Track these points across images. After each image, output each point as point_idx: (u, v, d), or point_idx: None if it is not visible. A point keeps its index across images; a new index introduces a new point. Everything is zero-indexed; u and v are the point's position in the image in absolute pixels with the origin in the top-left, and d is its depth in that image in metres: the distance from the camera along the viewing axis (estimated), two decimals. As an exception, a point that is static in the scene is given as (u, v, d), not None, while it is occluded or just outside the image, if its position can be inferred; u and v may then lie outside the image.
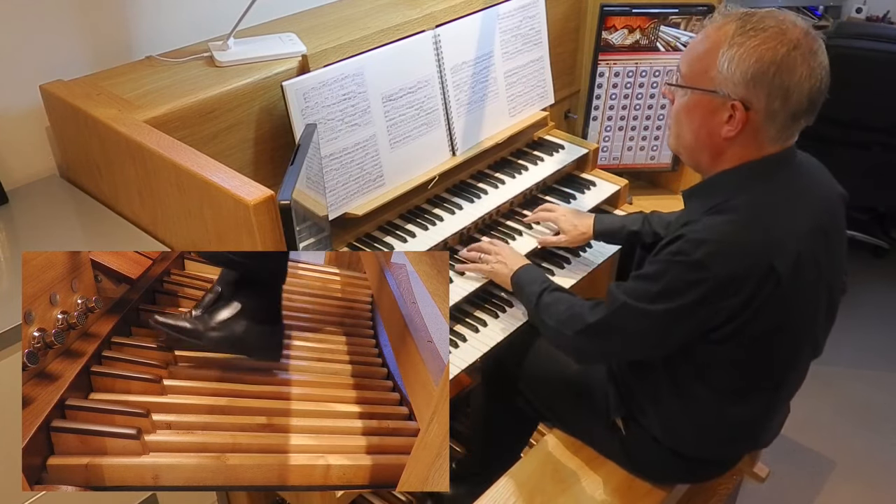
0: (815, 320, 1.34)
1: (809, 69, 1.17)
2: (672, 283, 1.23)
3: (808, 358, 1.41)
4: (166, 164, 1.29)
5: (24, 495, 1.25)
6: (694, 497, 1.68)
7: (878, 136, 2.55)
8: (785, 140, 1.25)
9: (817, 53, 1.18)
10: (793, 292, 1.23)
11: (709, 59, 1.21)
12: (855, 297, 2.93)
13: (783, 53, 1.16)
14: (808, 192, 1.29)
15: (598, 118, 2.26)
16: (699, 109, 1.25)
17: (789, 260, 1.21)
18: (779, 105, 1.18)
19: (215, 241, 1.31)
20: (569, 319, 1.40)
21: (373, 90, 1.67)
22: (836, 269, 1.34)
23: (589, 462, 1.56)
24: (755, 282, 1.20)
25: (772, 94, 1.17)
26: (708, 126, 1.25)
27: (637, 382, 1.46)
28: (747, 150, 1.25)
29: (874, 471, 2.28)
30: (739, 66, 1.18)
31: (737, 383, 1.34)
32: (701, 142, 1.28)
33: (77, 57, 1.60)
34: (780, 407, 1.47)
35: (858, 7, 3.14)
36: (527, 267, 1.62)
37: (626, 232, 1.72)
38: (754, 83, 1.17)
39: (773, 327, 1.26)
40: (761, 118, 1.20)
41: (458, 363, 1.55)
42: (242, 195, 1.18)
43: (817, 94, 1.20)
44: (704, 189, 1.31)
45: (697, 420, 1.39)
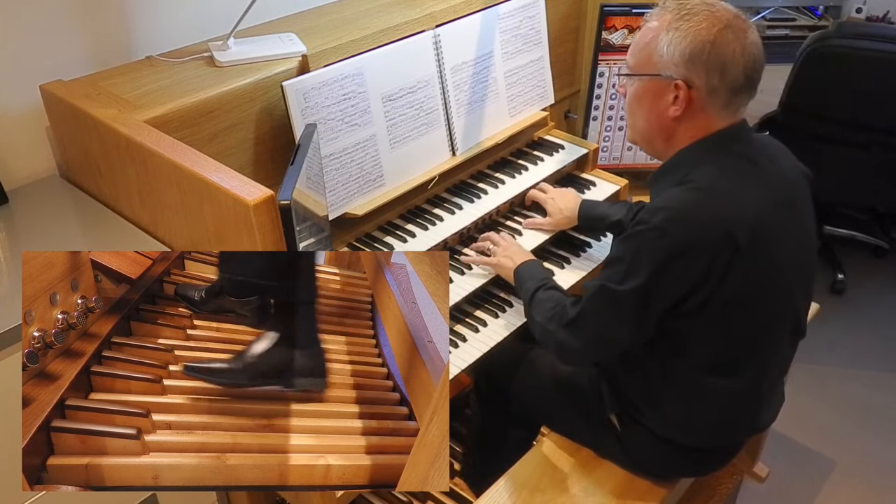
0: (789, 293, 1.37)
1: (741, 46, 1.25)
2: (635, 256, 1.27)
3: (790, 335, 1.42)
4: (166, 164, 1.29)
5: (24, 495, 1.25)
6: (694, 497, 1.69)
7: (877, 136, 2.55)
8: (729, 116, 1.32)
9: (747, 32, 1.27)
10: (755, 261, 1.27)
11: (651, 47, 1.31)
12: (855, 297, 2.93)
13: (716, 32, 1.25)
14: (767, 165, 1.33)
15: (598, 118, 2.26)
16: (647, 95, 1.34)
17: (747, 227, 1.25)
18: (717, 81, 1.26)
19: (215, 241, 1.31)
20: (553, 315, 1.42)
21: (373, 90, 1.67)
22: (805, 244, 1.39)
23: (588, 462, 1.56)
24: (713, 247, 1.23)
25: (710, 70, 1.26)
26: (657, 109, 1.33)
27: (627, 376, 1.47)
28: (697, 128, 1.32)
29: (874, 471, 2.28)
30: (678, 47, 1.27)
31: (716, 358, 1.35)
32: (653, 126, 1.36)
33: (77, 57, 1.60)
34: (769, 385, 1.45)
35: (858, 7, 3.14)
36: (530, 263, 1.63)
37: (609, 221, 1.77)
38: (692, 61, 1.26)
39: (741, 297, 1.29)
40: (703, 94, 1.28)
41: (458, 363, 1.55)
42: (242, 195, 1.18)
43: (752, 70, 1.27)
44: (664, 171, 1.37)
45: (689, 404, 1.40)
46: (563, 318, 1.39)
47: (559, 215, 1.83)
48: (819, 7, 3.24)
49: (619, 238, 1.33)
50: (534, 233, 1.85)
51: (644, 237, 1.26)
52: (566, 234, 1.90)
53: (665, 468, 1.52)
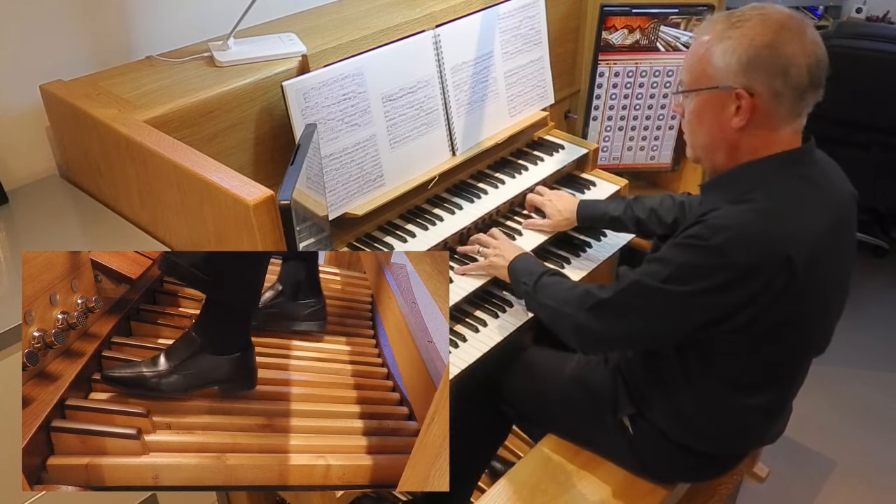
0: (826, 316, 1.36)
1: (802, 45, 1.20)
2: (686, 266, 1.24)
3: (814, 354, 1.41)
4: (166, 164, 1.29)
5: (24, 495, 1.25)
6: (694, 497, 1.68)
7: (877, 136, 2.55)
8: (795, 121, 1.26)
9: (806, 31, 1.21)
10: (806, 286, 1.24)
11: (705, 60, 1.25)
12: (855, 297, 2.89)
13: (772, 34, 1.19)
14: (825, 188, 1.30)
15: (598, 118, 2.26)
16: (708, 109, 1.28)
17: (805, 252, 1.21)
18: (780, 84, 1.20)
19: (215, 241, 1.31)
20: (574, 298, 1.39)
21: (373, 90, 1.67)
22: (847, 266, 1.36)
23: (589, 462, 1.55)
24: (771, 272, 1.20)
25: (771, 74, 1.20)
26: (719, 122, 1.27)
27: (646, 375, 1.45)
28: (760, 139, 1.26)
29: (874, 471, 2.28)
30: (734, 56, 1.21)
31: (749, 376, 1.34)
32: (715, 140, 1.29)
33: (77, 57, 1.60)
34: (789, 401, 1.46)
35: (858, 7, 3.14)
36: (523, 256, 1.62)
37: (608, 218, 1.76)
38: (752, 68, 1.20)
39: (786, 320, 1.26)
40: (767, 101, 1.22)
41: (458, 363, 1.55)
42: (242, 195, 1.18)
43: (816, 68, 1.22)
44: (724, 180, 1.31)
45: (708, 412, 1.39)
46: (585, 302, 1.36)
47: (558, 216, 1.83)
48: (819, 7, 3.24)
49: (674, 241, 1.28)
50: (533, 233, 1.85)
51: (701, 253, 1.22)
52: (566, 234, 1.91)
53: (671, 471, 1.51)
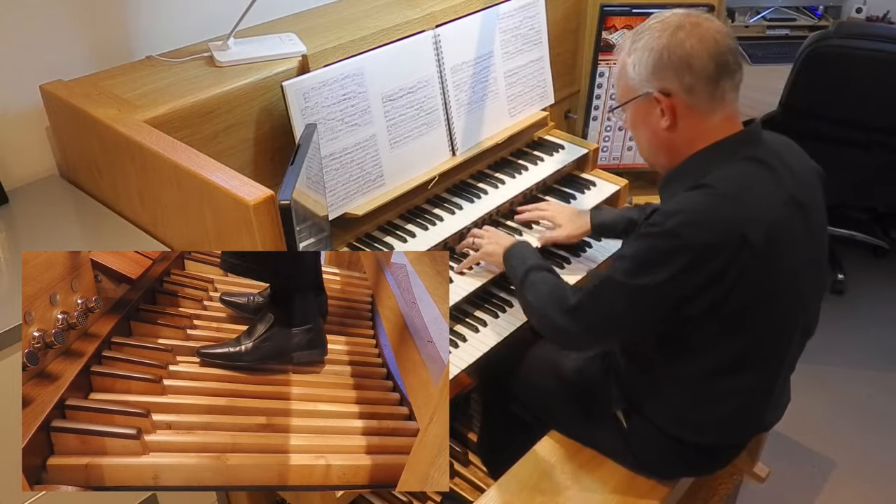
0: (800, 294, 1.36)
1: (699, 37, 1.27)
2: (647, 255, 1.27)
3: (800, 335, 1.42)
4: (166, 164, 1.29)
5: (24, 495, 1.25)
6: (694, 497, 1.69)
7: (877, 137, 2.55)
8: (719, 106, 1.31)
9: (701, 24, 1.28)
10: (769, 263, 1.26)
11: (624, 74, 1.36)
12: (855, 297, 2.93)
13: (667, 37, 1.28)
14: (779, 166, 1.32)
15: (598, 118, 2.26)
16: (638, 117, 1.38)
17: (762, 230, 1.24)
18: (689, 77, 1.28)
19: (215, 241, 1.31)
20: (552, 300, 1.42)
21: (373, 90, 1.67)
22: (817, 242, 1.38)
23: (589, 462, 1.56)
24: (729, 251, 1.23)
25: (677, 71, 1.28)
26: (651, 127, 1.36)
27: (634, 371, 1.47)
28: (695, 131, 1.32)
29: (874, 471, 2.28)
30: (642, 65, 1.31)
31: (726, 358, 1.35)
32: (654, 144, 1.38)
33: (77, 57, 1.60)
34: (778, 385, 1.46)
35: (858, 7, 3.14)
36: (519, 244, 1.63)
37: (626, 222, 1.74)
38: (659, 70, 1.30)
39: (754, 299, 1.28)
40: (683, 96, 1.29)
41: (458, 363, 1.55)
42: (242, 195, 1.18)
43: (718, 54, 1.27)
44: (674, 176, 1.37)
45: (695, 401, 1.40)
46: (562, 304, 1.39)
47: (572, 226, 1.80)
48: (819, 7, 3.24)
49: (632, 237, 1.33)
50: (529, 235, 1.85)
51: (658, 239, 1.26)
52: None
53: (669, 467, 1.51)
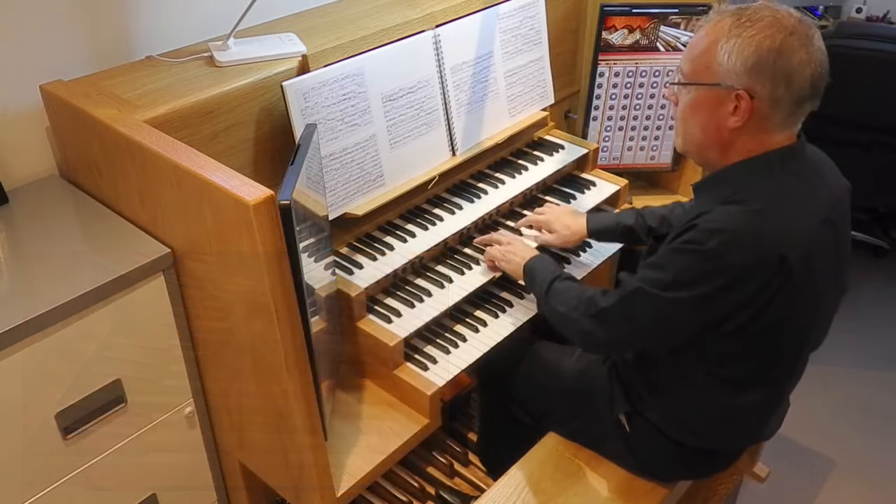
0: (819, 312, 1.35)
1: (808, 54, 1.19)
2: (685, 272, 1.24)
3: (810, 350, 1.41)
4: (166, 164, 1.28)
5: (24, 495, 1.25)
6: (694, 497, 1.69)
7: (878, 137, 2.55)
8: (791, 126, 1.26)
9: (813, 39, 1.21)
10: (802, 284, 1.24)
11: (709, 54, 1.24)
12: (855, 297, 2.93)
13: (781, 40, 1.18)
14: (818, 184, 1.30)
15: (598, 118, 2.26)
16: (705, 104, 1.27)
17: (800, 252, 1.22)
18: (783, 91, 1.20)
19: (215, 240, 1.31)
20: (580, 304, 1.40)
21: (373, 90, 1.67)
22: (843, 262, 1.35)
23: (589, 462, 1.55)
24: (767, 272, 1.20)
25: (775, 79, 1.20)
26: (715, 119, 1.26)
27: (640, 374, 1.46)
28: (755, 140, 1.26)
29: (874, 471, 2.28)
30: (740, 56, 1.20)
31: (744, 374, 1.34)
32: (710, 137, 1.29)
33: (77, 57, 1.59)
34: (784, 398, 1.46)
35: (858, 7, 3.14)
36: (540, 256, 1.62)
37: (622, 228, 1.72)
38: (756, 71, 1.20)
39: (782, 318, 1.26)
40: (766, 105, 1.22)
41: (458, 363, 1.55)
42: (242, 195, 1.18)
43: (818, 78, 1.22)
44: (716, 180, 1.32)
45: (703, 409, 1.39)
46: (589, 308, 1.37)
47: (567, 232, 1.77)
48: (819, 7, 3.24)
49: (669, 246, 1.28)
50: (533, 233, 1.85)
51: (697, 258, 1.22)
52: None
53: (669, 469, 1.51)
